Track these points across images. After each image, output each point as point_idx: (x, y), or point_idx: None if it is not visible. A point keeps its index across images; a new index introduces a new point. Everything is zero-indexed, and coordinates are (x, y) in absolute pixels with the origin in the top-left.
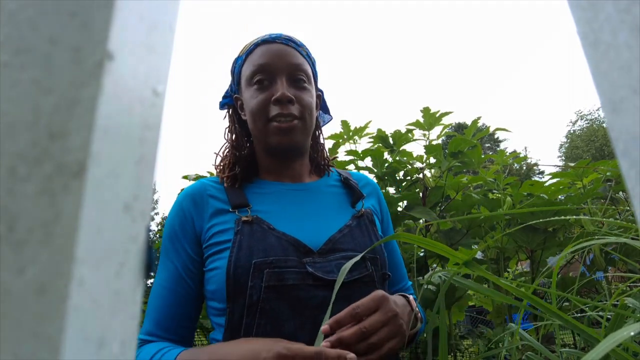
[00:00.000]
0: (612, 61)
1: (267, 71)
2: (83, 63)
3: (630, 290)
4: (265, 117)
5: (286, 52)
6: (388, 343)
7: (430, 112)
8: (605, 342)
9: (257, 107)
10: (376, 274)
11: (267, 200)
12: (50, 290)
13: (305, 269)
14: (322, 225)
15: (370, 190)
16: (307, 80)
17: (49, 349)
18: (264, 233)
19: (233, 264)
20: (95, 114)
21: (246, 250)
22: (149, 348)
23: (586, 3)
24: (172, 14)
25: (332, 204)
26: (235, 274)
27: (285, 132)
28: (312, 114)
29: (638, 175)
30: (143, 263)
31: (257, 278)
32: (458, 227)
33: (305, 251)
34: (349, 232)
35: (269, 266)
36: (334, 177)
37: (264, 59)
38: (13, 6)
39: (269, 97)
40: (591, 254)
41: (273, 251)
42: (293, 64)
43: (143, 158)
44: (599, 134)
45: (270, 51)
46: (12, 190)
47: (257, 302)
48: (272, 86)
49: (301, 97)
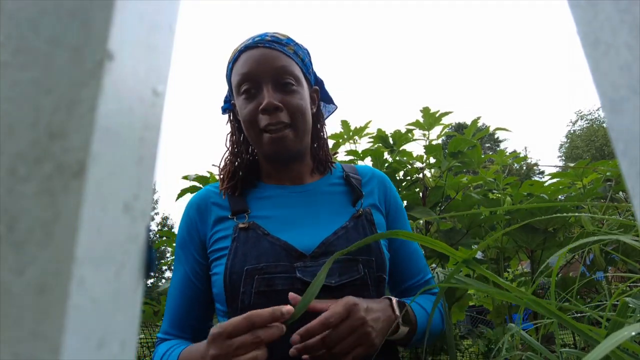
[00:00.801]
0: (612, 61)
1: (252, 80)
2: (83, 63)
3: (630, 290)
4: (256, 127)
5: (269, 56)
6: (353, 351)
7: (430, 112)
8: (605, 343)
9: (247, 118)
10: (370, 277)
11: (266, 205)
12: (50, 290)
13: (294, 274)
14: (318, 228)
15: (375, 184)
16: (295, 82)
17: (49, 349)
18: (258, 239)
19: (228, 270)
20: (95, 114)
21: (240, 257)
22: (163, 346)
23: (586, 3)
24: (172, 14)
25: (331, 205)
26: (231, 280)
27: (277, 142)
28: (305, 115)
29: (638, 175)
30: (143, 263)
31: (248, 284)
32: (458, 227)
33: (297, 256)
34: (344, 234)
35: (259, 272)
36: (337, 174)
37: (247, 67)
38: (13, 6)
39: (257, 106)
40: (591, 254)
41: (265, 257)
42: (277, 68)
43: (143, 158)
44: (599, 134)
45: (252, 58)
46: (12, 190)
47: (248, 306)
48: (259, 94)
49: (289, 101)
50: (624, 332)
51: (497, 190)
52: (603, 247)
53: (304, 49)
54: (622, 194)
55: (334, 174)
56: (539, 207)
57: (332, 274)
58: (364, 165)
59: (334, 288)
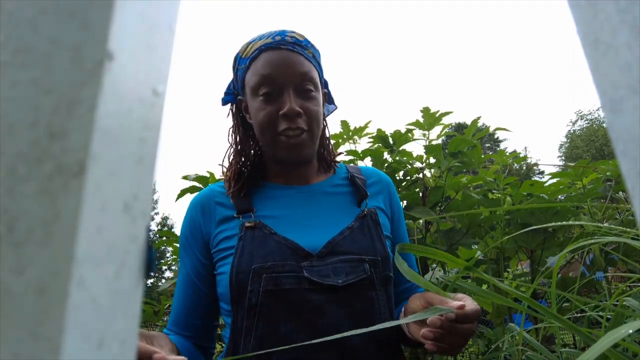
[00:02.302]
0: (612, 61)
1: (274, 83)
2: (83, 63)
3: (630, 290)
4: (273, 130)
5: (293, 61)
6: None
7: (430, 112)
8: (602, 340)
9: (264, 121)
10: (376, 277)
11: (272, 205)
12: (50, 290)
13: (301, 273)
14: (324, 228)
15: (381, 188)
16: (314, 89)
17: (49, 349)
18: (265, 238)
19: (235, 269)
20: (95, 114)
21: (247, 256)
22: None
23: (586, 3)
24: (172, 14)
25: (336, 205)
26: (237, 279)
27: (294, 147)
28: (320, 122)
29: (638, 175)
30: (143, 263)
31: (255, 283)
32: (458, 227)
33: (303, 255)
34: (350, 234)
35: (267, 271)
36: (342, 175)
37: (269, 69)
38: (13, 6)
39: (277, 110)
40: (591, 254)
41: (272, 256)
42: (300, 74)
43: (143, 158)
44: (599, 134)
45: (275, 60)
46: (12, 190)
47: (255, 305)
48: (279, 98)
49: (309, 108)
50: (621, 330)
51: (497, 190)
52: (603, 247)
53: (318, 50)
54: (622, 194)
55: (338, 174)
56: (539, 207)
57: (338, 273)
58: (369, 167)
59: (340, 288)
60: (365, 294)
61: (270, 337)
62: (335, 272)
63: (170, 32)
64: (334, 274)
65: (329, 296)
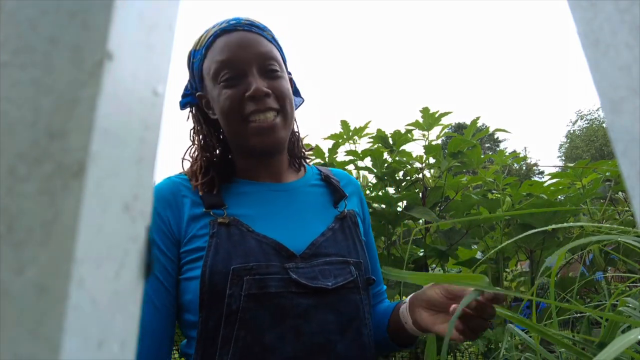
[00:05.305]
0: (612, 61)
1: (234, 66)
2: (83, 63)
3: (630, 290)
4: (240, 116)
5: (251, 40)
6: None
7: (430, 112)
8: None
9: (229, 106)
10: (360, 280)
11: (245, 202)
12: (50, 290)
13: (288, 276)
14: (304, 228)
15: (353, 190)
16: (279, 68)
17: (49, 349)
18: (243, 236)
19: (209, 269)
20: (95, 114)
21: (223, 255)
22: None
23: (586, 3)
24: (172, 14)
25: (314, 206)
26: (212, 281)
27: (268, 132)
28: (291, 101)
29: (638, 175)
30: (143, 263)
31: (236, 285)
32: (458, 227)
33: (287, 255)
34: (332, 236)
35: (249, 272)
36: (315, 176)
37: (227, 53)
38: (13, 6)
39: (241, 93)
40: (591, 254)
41: (253, 256)
42: (261, 53)
43: (143, 158)
44: (599, 134)
45: (232, 42)
46: (12, 190)
47: (236, 311)
48: (242, 81)
49: (276, 87)
50: (630, 336)
51: (497, 190)
52: (602, 247)
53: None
54: (622, 194)
55: (311, 174)
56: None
57: (327, 276)
58: (338, 169)
59: (330, 291)
60: (351, 297)
61: (253, 346)
62: (323, 274)
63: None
64: (322, 276)
65: (316, 300)
